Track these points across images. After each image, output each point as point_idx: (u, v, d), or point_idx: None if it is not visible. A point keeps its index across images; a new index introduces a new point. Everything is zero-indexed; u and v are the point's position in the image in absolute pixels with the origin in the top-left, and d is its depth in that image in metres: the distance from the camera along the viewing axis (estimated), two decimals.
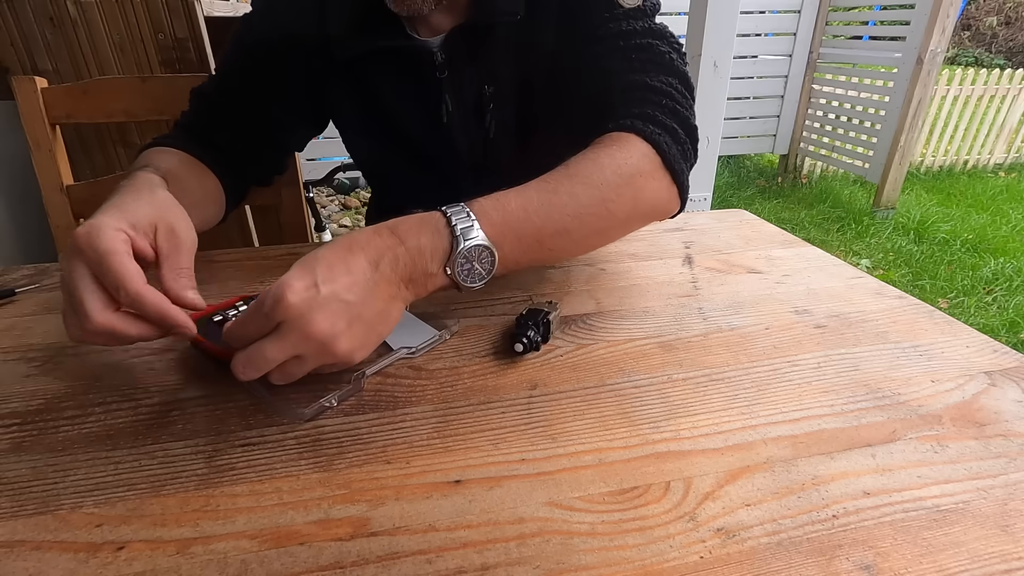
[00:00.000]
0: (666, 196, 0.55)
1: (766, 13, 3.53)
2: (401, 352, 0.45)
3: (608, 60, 0.59)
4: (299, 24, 0.66)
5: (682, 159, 0.54)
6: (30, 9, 1.15)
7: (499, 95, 0.67)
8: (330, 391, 0.40)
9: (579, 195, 0.48)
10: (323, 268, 0.38)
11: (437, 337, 0.47)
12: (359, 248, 0.40)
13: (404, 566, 0.28)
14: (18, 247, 1.27)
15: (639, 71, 0.58)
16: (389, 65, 0.67)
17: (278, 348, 0.37)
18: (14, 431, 0.38)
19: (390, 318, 0.41)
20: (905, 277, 2.58)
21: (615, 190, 0.49)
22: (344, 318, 0.38)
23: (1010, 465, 0.35)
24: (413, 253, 0.41)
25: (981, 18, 9.68)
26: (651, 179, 0.52)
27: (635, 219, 0.54)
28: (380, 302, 0.40)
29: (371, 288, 0.39)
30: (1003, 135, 4.04)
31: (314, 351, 0.37)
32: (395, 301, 0.41)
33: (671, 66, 0.59)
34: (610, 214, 0.50)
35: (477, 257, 0.43)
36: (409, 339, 0.46)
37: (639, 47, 0.59)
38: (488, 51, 0.65)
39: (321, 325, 0.37)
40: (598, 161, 0.50)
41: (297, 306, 0.36)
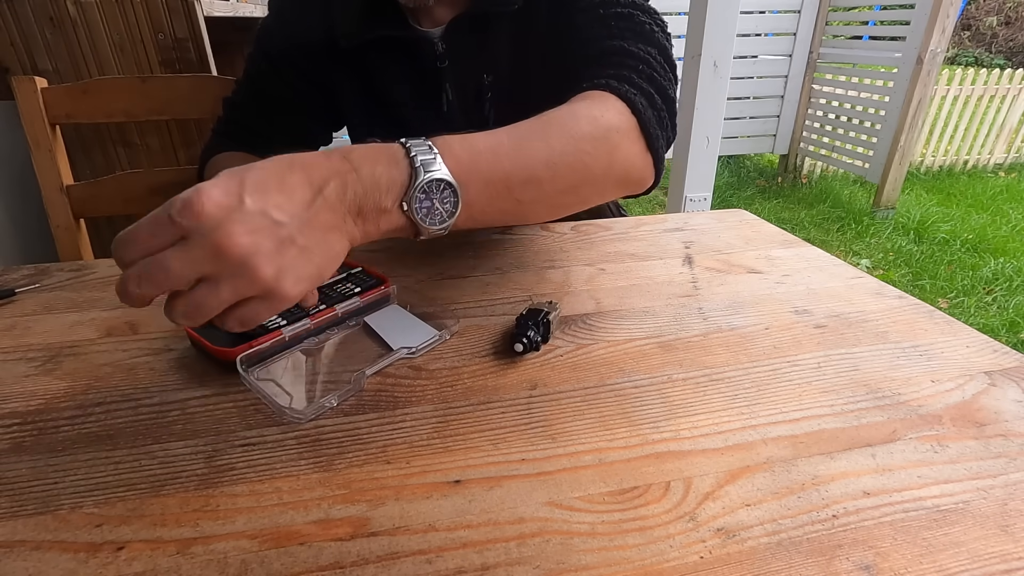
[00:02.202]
0: (640, 162, 0.52)
1: (766, 13, 3.53)
2: (401, 352, 0.45)
3: (588, 28, 0.59)
4: (309, 25, 0.69)
5: (658, 126, 0.52)
6: (30, 9, 1.15)
7: (498, 83, 0.69)
8: (330, 391, 0.40)
9: (553, 143, 0.45)
10: (253, 179, 0.32)
11: (437, 337, 0.47)
12: (301, 167, 0.34)
13: (404, 566, 0.28)
14: (18, 247, 1.27)
15: (617, 37, 0.57)
16: (391, 55, 0.69)
17: (181, 260, 0.29)
18: (14, 431, 0.38)
19: (331, 252, 0.35)
20: (905, 277, 2.58)
21: (590, 142, 0.47)
22: (270, 238, 0.31)
23: (1010, 465, 0.35)
24: (366, 182, 0.36)
25: (981, 18, 9.68)
26: (626, 138, 0.50)
27: (609, 181, 0.51)
28: (318, 230, 0.34)
29: (309, 211, 0.33)
30: (1003, 135, 4.04)
31: (229, 272, 0.30)
32: (338, 233, 0.35)
33: (651, 36, 0.58)
34: (585, 167, 0.47)
35: (438, 194, 0.38)
36: (409, 339, 0.46)
37: (619, 15, 0.58)
38: (487, 40, 0.67)
39: (239, 239, 0.30)
40: (574, 113, 0.48)
41: (211, 214, 0.29)
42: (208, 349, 0.43)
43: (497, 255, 0.64)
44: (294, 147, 0.74)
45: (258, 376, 0.42)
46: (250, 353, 0.42)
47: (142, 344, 0.47)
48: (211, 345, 0.43)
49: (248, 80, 0.75)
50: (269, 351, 0.44)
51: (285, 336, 0.45)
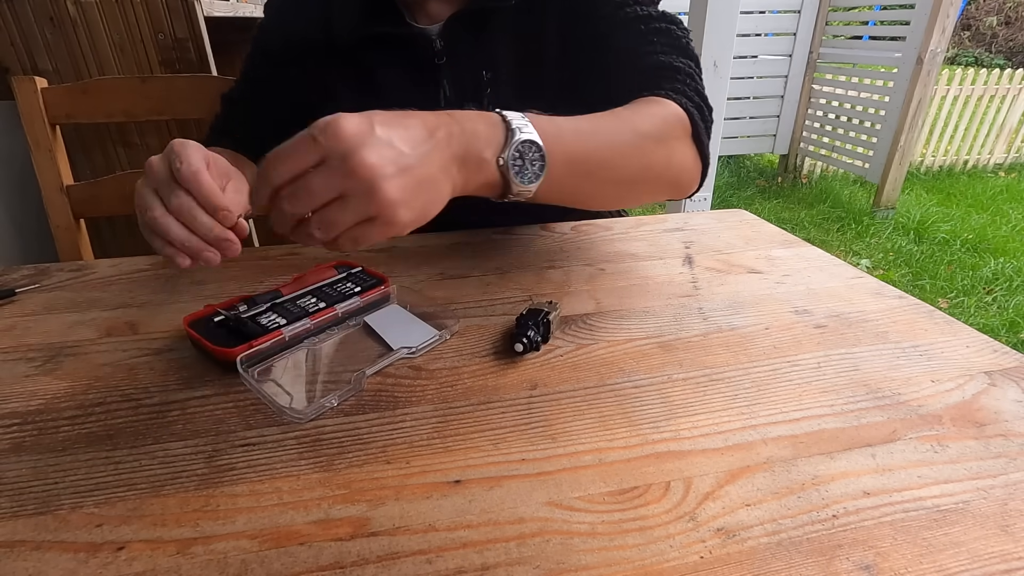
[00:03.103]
0: (692, 167, 0.58)
1: (766, 13, 3.53)
2: (401, 352, 0.45)
3: (634, 42, 0.63)
4: (307, 23, 0.69)
5: (705, 134, 0.58)
6: (30, 9, 1.15)
7: (498, 80, 0.69)
8: (330, 391, 0.40)
9: (624, 135, 0.50)
10: (381, 116, 0.36)
11: (437, 337, 0.47)
12: (416, 115, 0.38)
13: (404, 566, 0.28)
14: (18, 247, 1.27)
15: (662, 52, 0.61)
16: (388, 52, 0.69)
17: (323, 180, 0.34)
18: (14, 431, 0.38)
19: (439, 191, 0.38)
20: (905, 277, 2.58)
21: (654, 142, 0.52)
22: (394, 163, 0.35)
23: (1010, 465, 0.35)
24: (468, 134, 0.40)
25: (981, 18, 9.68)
26: (682, 143, 0.56)
27: (664, 180, 0.56)
28: (433, 167, 0.37)
29: (426, 148, 0.37)
30: (1003, 135, 4.04)
31: (359, 190, 0.34)
32: (444, 176, 0.39)
33: (687, 49, 0.63)
34: (648, 163, 0.52)
35: (528, 154, 0.42)
36: (409, 339, 0.46)
37: (659, 31, 0.62)
38: (486, 37, 0.67)
39: (371, 158, 0.34)
40: (641, 112, 0.53)
41: (350, 135, 0.34)
42: (208, 349, 0.43)
43: (497, 255, 0.64)
44: None
45: (258, 376, 0.42)
46: (250, 353, 0.42)
47: (142, 344, 0.47)
48: (211, 345, 0.43)
49: (246, 78, 0.75)
50: (269, 351, 0.44)
51: (285, 336, 0.45)
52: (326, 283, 0.52)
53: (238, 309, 0.47)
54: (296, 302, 0.49)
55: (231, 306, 0.48)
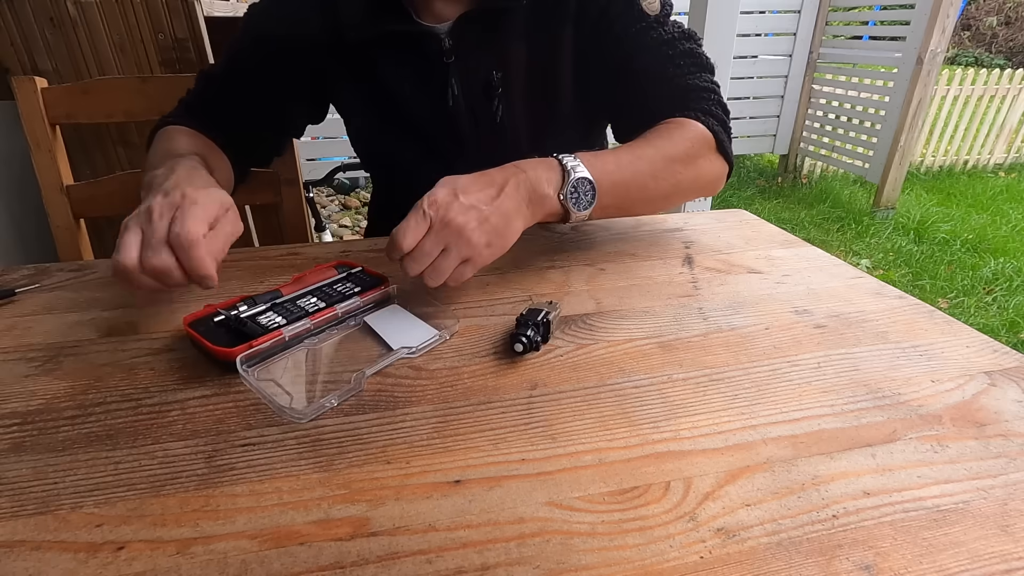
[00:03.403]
0: (718, 172, 0.67)
1: (766, 13, 3.53)
2: (401, 352, 0.45)
3: (661, 68, 0.68)
4: (308, 15, 0.68)
5: (728, 142, 0.67)
6: (30, 9, 1.15)
7: (508, 80, 0.70)
8: (330, 391, 0.40)
9: (656, 162, 0.59)
10: (462, 184, 0.49)
11: (437, 337, 0.47)
12: (491, 176, 0.51)
13: (404, 566, 0.28)
14: (18, 247, 1.27)
15: (689, 75, 0.68)
16: (397, 50, 0.69)
17: (431, 241, 0.46)
18: (14, 431, 0.38)
19: (513, 228, 0.50)
20: (905, 277, 2.58)
21: (681, 163, 0.61)
22: (476, 218, 0.47)
23: (1010, 465, 0.35)
24: (532, 180, 0.52)
25: (981, 18, 9.68)
26: (708, 159, 0.65)
27: (695, 188, 0.65)
28: (506, 213, 0.49)
29: (499, 200, 0.49)
30: (1003, 135, 4.04)
31: (455, 240, 0.46)
32: (518, 215, 0.50)
33: (707, 64, 0.70)
34: (677, 183, 0.62)
35: (581, 187, 0.53)
36: (409, 339, 0.46)
37: (684, 53, 0.68)
38: (498, 38, 0.68)
39: (459, 218, 0.47)
40: (671, 138, 0.62)
41: (445, 199, 0.47)
42: (208, 349, 0.43)
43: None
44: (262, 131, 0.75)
45: (258, 376, 0.42)
46: (250, 353, 0.42)
47: (142, 344, 0.47)
48: (212, 345, 0.43)
49: (232, 60, 0.72)
50: (269, 351, 0.44)
51: (285, 336, 0.45)
52: (326, 283, 0.52)
53: (238, 309, 0.47)
54: (296, 302, 0.49)
55: (231, 306, 0.47)
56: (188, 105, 0.73)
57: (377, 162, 0.86)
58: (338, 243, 0.69)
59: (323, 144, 2.94)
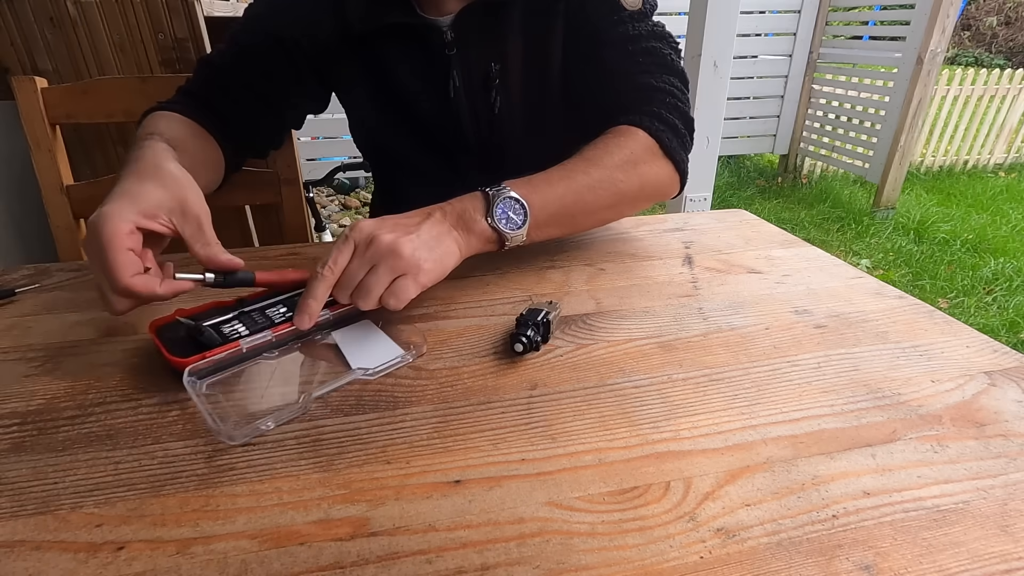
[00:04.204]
0: (667, 180, 0.64)
1: (766, 13, 3.53)
2: (357, 373, 0.43)
3: (620, 63, 0.67)
4: (318, 8, 0.69)
5: (681, 149, 0.64)
6: (30, 9, 1.15)
7: (505, 73, 0.71)
8: (275, 411, 0.38)
9: (592, 173, 0.57)
10: (386, 218, 0.49)
11: (399, 359, 0.44)
12: (413, 212, 0.51)
13: (404, 566, 0.28)
14: (18, 247, 1.27)
15: (646, 73, 0.66)
16: (400, 42, 0.69)
17: (356, 262, 0.45)
18: (14, 431, 0.38)
19: (446, 247, 0.49)
20: (905, 277, 2.58)
21: (622, 171, 0.59)
22: (405, 233, 0.47)
23: (1010, 465, 0.35)
24: (457, 208, 0.52)
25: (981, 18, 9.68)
26: (653, 165, 0.62)
27: (641, 198, 0.63)
28: (434, 231, 0.49)
29: (426, 223, 0.49)
30: (1003, 135, 4.04)
31: (383, 255, 0.45)
32: (448, 237, 0.50)
33: (672, 66, 0.67)
34: (619, 191, 0.59)
35: (511, 207, 0.53)
36: (370, 359, 0.44)
37: (646, 51, 0.66)
38: (497, 30, 0.68)
39: (387, 235, 0.46)
40: (608, 148, 0.60)
41: (367, 226, 0.46)
42: (164, 357, 0.42)
43: (497, 255, 0.64)
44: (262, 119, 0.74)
45: (206, 389, 0.40)
46: (203, 364, 0.40)
47: (142, 344, 0.47)
48: (167, 353, 0.41)
49: (236, 47, 0.71)
50: (225, 362, 0.42)
51: (243, 348, 0.43)
52: (300, 291, 0.47)
53: (201, 317, 0.45)
54: (265, 311, 0.47)
55: (198, 313, 0.46)
56: (187, 92, 0.72)
57: (379, 155, 0.86)
58: None
59: (323, 144, 2.94)
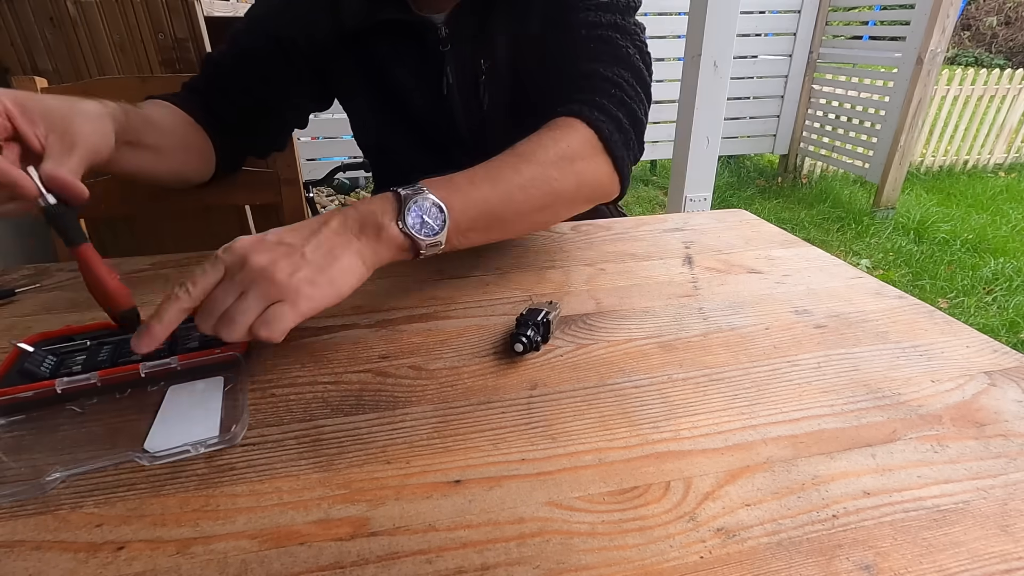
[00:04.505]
0: (607, 180, 0.59)
1: (766, 13, 3.53)
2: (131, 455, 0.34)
3: (569, 47, 0.63)
4: (314, 6, 0.69)
5: (624, 147, 0.59)
6: (30, 9, 1.15)
7: (494, 71, 0.71)
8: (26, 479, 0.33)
9: (523, 171, 0.51)
10: (272, 231, 0.42)
11: (190, 448, 0.35)
12: (309, 220, 0.44)
13: (404, 566, 0.28)
14: (18, 247, 1.27)
15: (595, 60, 0.61)
16: (395, 39, 0.70)
17: (224, 288, 0.39)
18: (16, 430, 0.37)
19: (340, 264, 0.42)
20: (905, 277, 2.58)
21: (557, 168, 0.53)
22: (283, 255, 0.40)
23: (1010, 465, 0.35)
24: (362, 212, 0.45)
25: (981, 18, 9.68)
26: (591, 162, 0.57)
27: (579, 199, 0.57)
28: (326, 248, 0.42)
29: (316, 237, 0.42)
30: (1003, 135, 4.04)
31: (252, 280, 0.39)
32: (346, 251, 0.43)
33: (627, 60, 0.62)
34: (553, 190, 0.53)
35: (427, 211, 0.46)
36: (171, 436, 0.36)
37: (600, 38, 0.62)
38: (488, 27, 0.69)
39: (260, 257, 0.39)
40: (542, 142, 0.54)
41: (243, 245, 0.40)
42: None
43: (497, 255, 0.64)
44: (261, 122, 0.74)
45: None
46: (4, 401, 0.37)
47: None
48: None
49: (238, 49, 0.71)
50: (32, 402, 0.38)
51: (56, 389, 0.38)
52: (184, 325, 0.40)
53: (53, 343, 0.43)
54: (123, 346, 0.42)
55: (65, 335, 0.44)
56: (189, 87, 0.73)
57: (377, 152, 0.86)
58: None
59: (323, 144, 2.94)
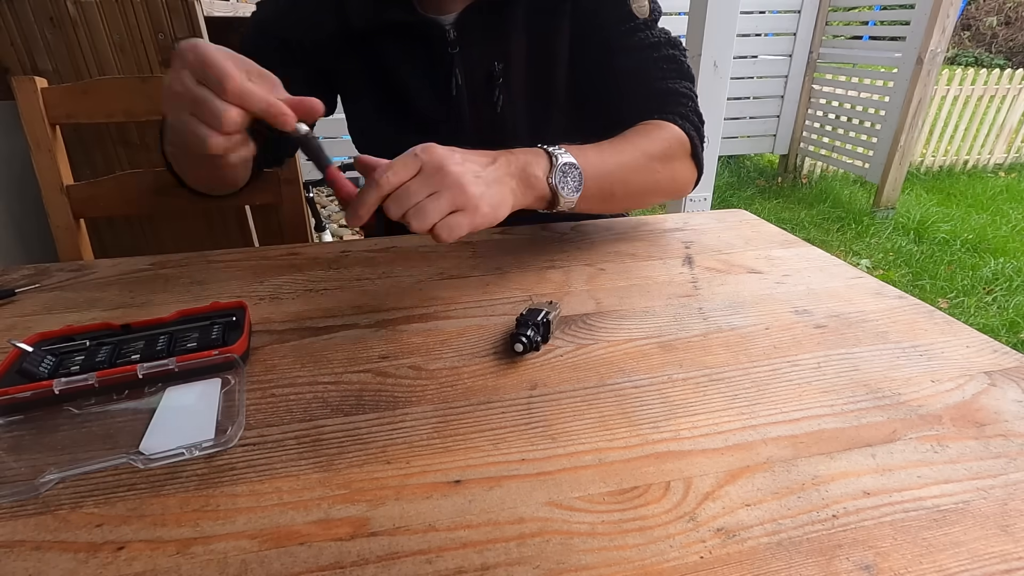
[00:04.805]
0: (690, 178, 0.70)
1: (766, 13, 3.53)
2: (129, 458, 0.34)
3: (645, 68, 0.71)
4: (320, 8, 0.69)
5: (701, 151, 0.70)
6: (30, 9, 1.14)
7: (509, 72, 0.72)
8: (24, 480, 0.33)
9: (637, 157, 0.61)
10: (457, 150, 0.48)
11: (184, 451, 0.35)
12: (482, 151, 0.51)
13: (404, 566, 0.28)
14: (18, 247, 1.27)
15: (666, 79, 0.71)
16: (402, 41, 0.70)
17: (420, 183, 0.45)
18: (14, 431, 0.37)
19: (505, 196, 0.50)
20: (905, 277, 2.58)
21: (660, 163, 0.64)
22: (471, 172, 0.47)
23: (1010, 465, 0.35)
24: (521, 161, 0.53)
25: (981, 18, 9.68)
26: (683, 161, 0.68)
27: (668, 190, 0.67)
28: (496, 179, 0.50)
29: (491, 167, 0.50)
30: (1003, 135, 4.04)
31: (449, 186, 0.45)
32: (508, 188, 0.51)
33: (688, 72, 0.72)
34: (655, 181, 0.64)
35: (570, 172, 0.55)
36: (171, 436, 0.36)
37: (666, 58, 0.71)
38: (500, 29, 0.69)
39: (456, 167, 0.46)
40: (649, 137, 0.64)
41: (441, 153, 0.46)
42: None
43: (497, 255, 0.64)
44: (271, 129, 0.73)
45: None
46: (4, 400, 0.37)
47: None
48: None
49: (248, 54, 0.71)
50: (30, 402, 0.38)
51: (55, 389, 0.38)
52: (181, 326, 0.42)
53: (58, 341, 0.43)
54: (122, 346, 0.43)
55: (67, 335, 0.44)
56: None
57: (379, 154, 0.85)
58: (338, 243, 0.69)
59: (323, 144, 2.94)
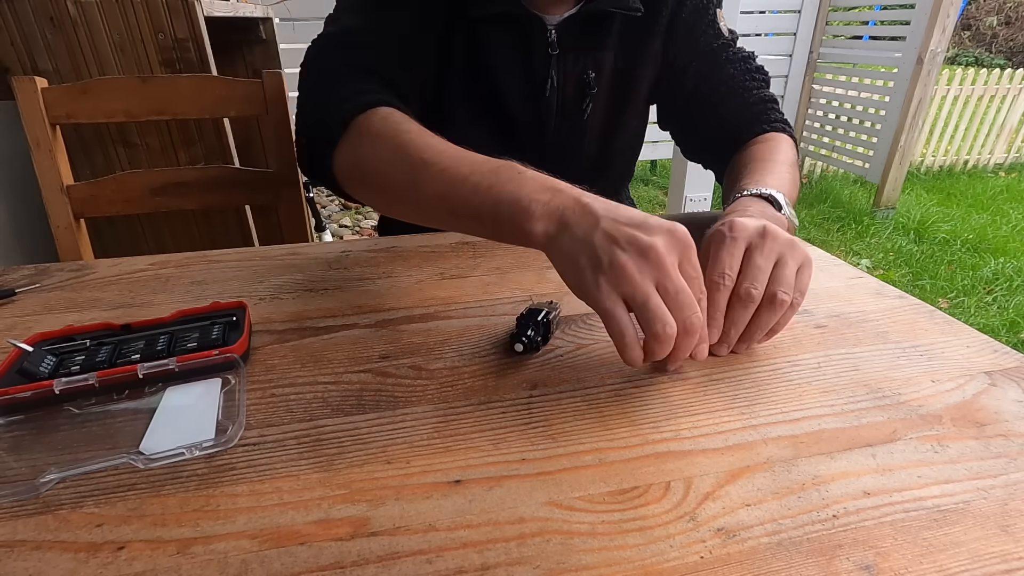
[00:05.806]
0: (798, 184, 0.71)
1: (766, 13, 3.52)
2: (129, 458, 0.34)
3: (741, 81, 0.75)
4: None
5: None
6: (30, 9, 1.15)
7: (599, 82, 0.74)
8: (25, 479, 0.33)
9: (792, 171, 0.65)
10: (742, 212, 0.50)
11: (184, 451, 0.35)
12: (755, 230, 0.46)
13: (404, 566, 0.28)
14: (18, 247, 1.27)
15: (760, 88, 0.75)
16: (507, 33, 0.70)
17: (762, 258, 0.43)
18: (14, 430, 0.37)
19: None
20: (905, 277, 2.58)
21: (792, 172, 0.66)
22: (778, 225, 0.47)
23: (1010, 465, 0.35)
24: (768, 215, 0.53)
25: (981, 18, 9.68)
26: (797, 168, 0.69)
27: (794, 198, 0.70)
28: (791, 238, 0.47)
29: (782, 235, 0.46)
30: (1003, 135, 4.05)
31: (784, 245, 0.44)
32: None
33: (769, 80, 0.78)
34: (797, 190, 0.66)
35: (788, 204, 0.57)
36: (171, 436, 0.36)
37: (756, 69, 0.76)
38: (598, 39, 0.72)
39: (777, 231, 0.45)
40: (782, 150, 0.68)
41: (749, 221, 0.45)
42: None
43: (497, 255, 0.64)
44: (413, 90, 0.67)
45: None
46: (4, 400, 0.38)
47: None
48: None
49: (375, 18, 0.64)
50: (30, 402, 0.38)
51: (55, 389, 0.38)
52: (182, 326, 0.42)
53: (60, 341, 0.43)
54: (123, 346, 0.43)
55: (68, 335, 0.44)
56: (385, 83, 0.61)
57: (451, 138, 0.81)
58: (338, 243, 0.69)
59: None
